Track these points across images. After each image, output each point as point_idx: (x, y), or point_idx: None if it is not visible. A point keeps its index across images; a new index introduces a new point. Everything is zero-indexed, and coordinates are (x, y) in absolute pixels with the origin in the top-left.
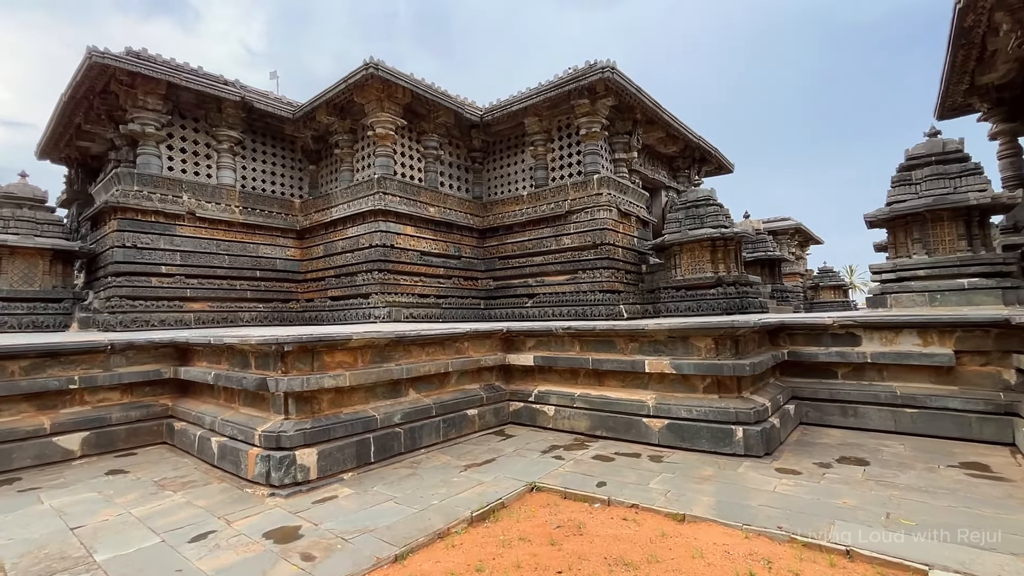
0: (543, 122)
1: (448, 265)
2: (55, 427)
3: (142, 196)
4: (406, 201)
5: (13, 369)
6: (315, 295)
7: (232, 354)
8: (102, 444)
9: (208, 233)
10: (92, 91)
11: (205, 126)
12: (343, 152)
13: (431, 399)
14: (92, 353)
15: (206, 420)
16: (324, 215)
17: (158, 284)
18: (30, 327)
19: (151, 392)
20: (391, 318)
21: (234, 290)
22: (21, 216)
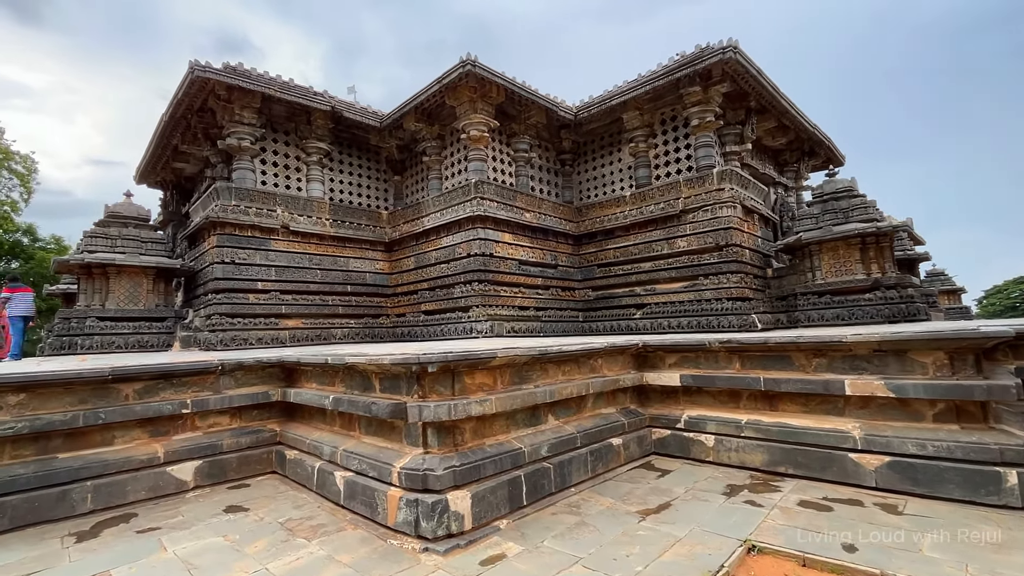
0: (644, 116)
1: (545, 275)
2: (168, 455)
3: (239, 210)
4: (503, 206)
5: (127, 392)
6: (406, 309)
7: (350, 375)
8: (214, 474)
9: (301, 247)
10: (191, 109)
11: (295, 139)
12: (431, 160)
13: (572, 426)
14: (203, 374)
15: (324, 450)
16: (414, 225)
17: (255, 301)
18: (135, 347)
19: (258, 416)
20: (493, 333)
21: (326, 306)
22: (127, 235)
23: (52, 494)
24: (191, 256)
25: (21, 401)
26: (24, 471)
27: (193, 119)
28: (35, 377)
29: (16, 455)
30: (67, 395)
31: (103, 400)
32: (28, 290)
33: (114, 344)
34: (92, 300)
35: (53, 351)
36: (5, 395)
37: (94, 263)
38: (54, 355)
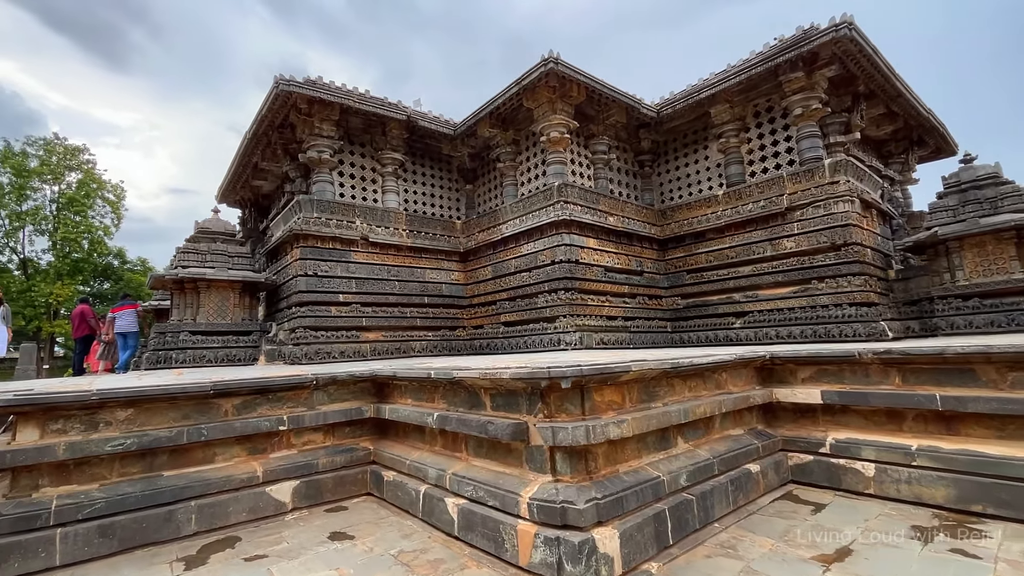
0: (735, 109)
1: (631, 282)
2: (267, 475)
3: (320, 222)
4: (587, 210)
5: (227, 408)
6: (484, 321)
7: (453, 391)
8: (311, 495)
9: (379, 258)
10: (272, 125)
11: (370, 151)
12: (505, 166)
13: (705, 450)
14: (298, 389)
15: (429, 473)
16: (491, 233)
17: (337, 313)
18: (224, 360)
19: (351, 433)
20: (583, 344)
21: (405, 318)
22: (215, 250)
23: (159, 515)
24: (272, 270)
25: (129, 416)
26: (132, 490)
27: (274, 135)
28: (142, 392)
29: (124, 473)
30: (171, 410)
31: (204, 416)
32: (132, 307)
33: (205, 358)
34: (184, 314)
35: (150, 365)
36: (114, 410)
37: (187, 278)
38: (151, 369)
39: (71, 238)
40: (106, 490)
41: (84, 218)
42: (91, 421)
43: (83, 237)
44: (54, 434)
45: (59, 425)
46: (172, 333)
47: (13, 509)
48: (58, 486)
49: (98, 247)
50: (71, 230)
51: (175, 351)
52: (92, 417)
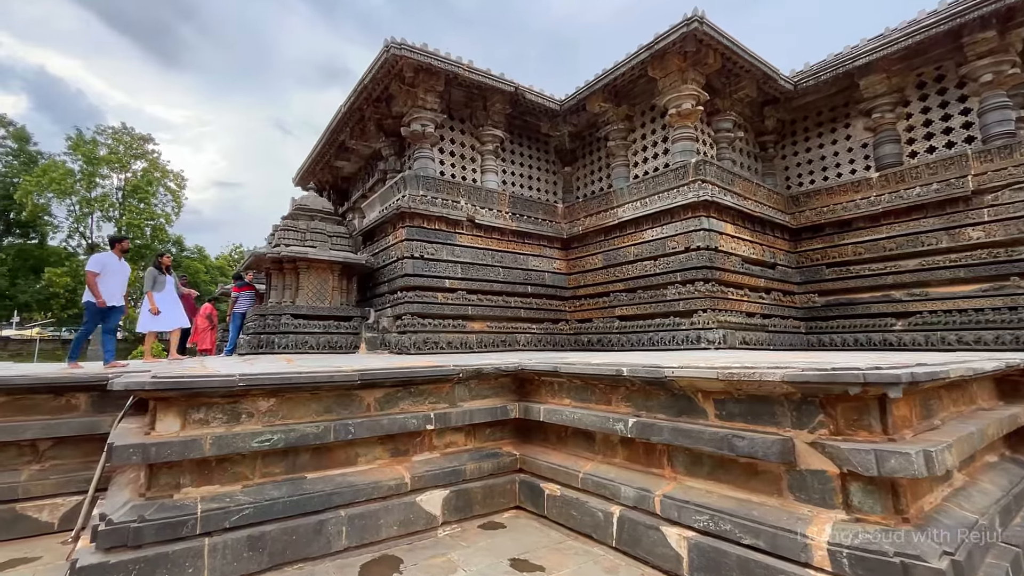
0: (892, 80)
1: (766, 275)
2: (415, 481)
3: (427, 201)
4: (725, 192)
5: (369, 401)
6: (593, 314)
7: (648, 393)
8: (461, 508)
9: (484, 243)
10: (369, 98)
11: (470, 127)
12: (615, 145)
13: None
14: (440, 383)
15: (621, 492)
16: (602, 218)
17: (443, 300)
18: (326, 347)
19: (491, 436)
20: (726, 343)
21: (509, 308)
22: (314, 228)
23: (308, 525)
24: (369, 252)
25: (271, 408)
26: (278, 494)
27: (368, 110)
28: (288, 380)
29: (267, 473)
30: (313, 402)
31: (346, 410)
32: (250, 288)
33: (307, 344)
34: (283, 296)
35: (251, 349)
36: (256, 399)
37: (286, 257)
38: (254, 354)
39: (136, 224)
40: (250, 493)
41: (147, 206)
42: (233, 411)
43: (146, 224)
44: (196, 425)
45: (201, 415)
46: (273, 316)
47: (157, 513)
48: (200, 486)
49: (160, 234)
50: (135, 217)
51: (277, 335)
52: (234, 407)
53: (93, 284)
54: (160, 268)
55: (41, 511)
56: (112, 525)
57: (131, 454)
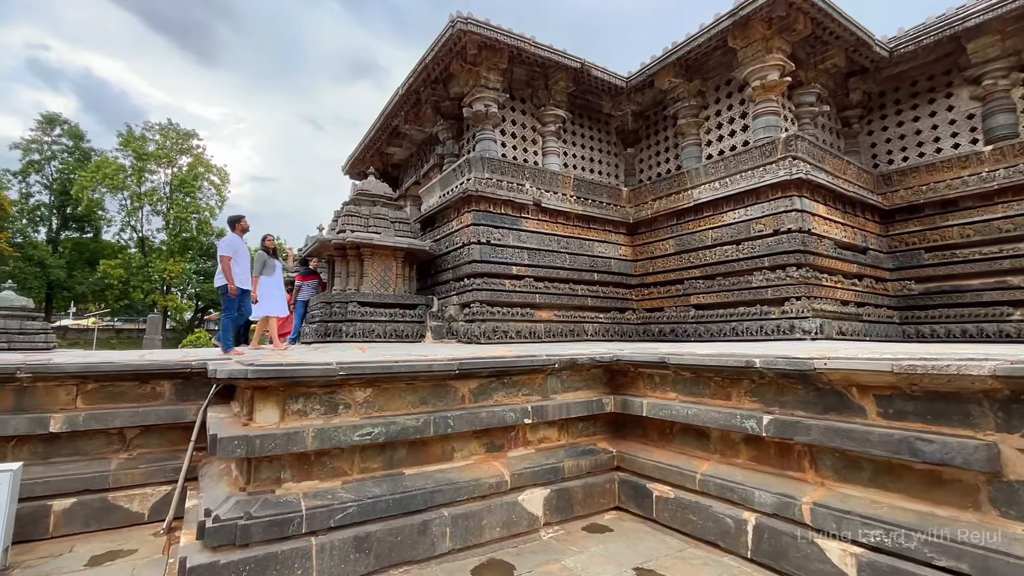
0: (1006, 42)
1: (857, 260)
2: (514, 479)
3: (493, 184)
4: (818, 169)
5: (464, 392)
6: (664, 303)
7: (783, 387)
8: (561, 508)
9: (549, 228)
10: (427, 79)
11: (531, 107)
12: (686, 123)
13: None
14: (533, 373)
15: (755, 497)
16: (674, 201)
17: (511, 288)
18: (393, 336)
19: (583, 430)
20: (823, 333)
21: (576, 296)
22: (377, 214)
23: (412, 526)
24: (430, 239)
25: (368, 398)
26: (380, 491)
27: (425, 92)
28: (387, 368)
29: (365, 468)
30: (409, 393)
31: (442, 401)
32: (315, 277)
33: (374, 332)
34: (347, 284)
35: (318, 338)
36: (353, 390)
37: (349, 243)
38: (319, 342)
39: (183, 218)
40: (351, 490)
41: (193, 199)
42: (331, 402)
43: (192, 217)
44: (295, 416)
45: (299, 405)
46: (340, 304)
47: (262, 511)
48: (300, 481)
49: (204, 227)
50: (182, 210)
51: (344, 323)
52: (331, 397)
53: (228, 269)
54: (268, 251)
55: (132, 501)
56: (219, 522)
57: (236, 447)
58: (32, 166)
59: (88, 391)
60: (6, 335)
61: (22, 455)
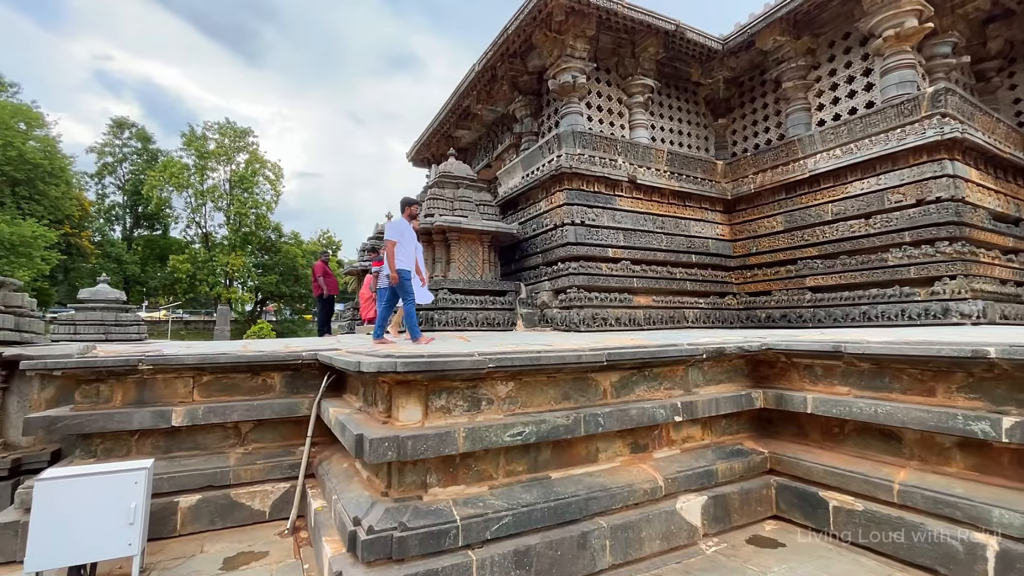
0: None
1: (1013, 233)
2: (668, 485)
3: (586, 160)
4: (970, 128)
5: (605, 386)
6: (771, 286)
7: (1012, 383)
8: (719, 517)
9: (644, 206)
10: (506, 53)
11: (616, 77)
12: (793, 86)
13: None
14: (674, 365)
15: (990, 516)
16: (783, 173)
17: (608, 271)
18: (484, 324)
19: (727, 429)
20: (985, 318)
21: (674, 279)
22: (462, 196)
23: (571, 539)
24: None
25: (510, 393)
26: (531, 498)
27: (503, 67)
28: (533, 360)
29: (511, 471)
30: (551, 387)
31: (583, 396)
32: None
33: (465, 320)
34: (432, 270)
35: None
36: (495, 384)
37: (437, 228)
38: None
39: (242, 213)
40: (501, 496)
41: (251, 195)
42: (473, 398)
43: (251, 212)
44: (439, 414)
45: (442, 401)
46: (431, 291)
47: (416, 520)
48: (447, 486)
49: (262, 221)
50: (241, 206)
51: (436, 312)
52: (474, 392)
53: (392, 255)
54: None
55: (253, 498)
56: (374, 534)
57: (385, 449)
58: (106, 168)
59: (203, 383)
60: (103, 327)
61: (145, 449)
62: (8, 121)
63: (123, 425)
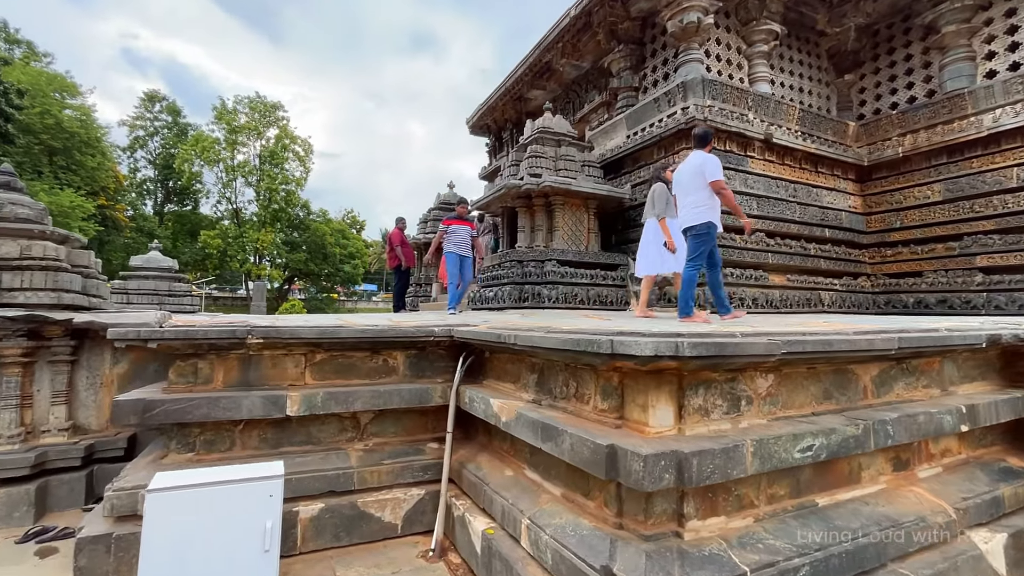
0: None
1: None
2: (960, 517)
3: (716, 112)
4: None
5: (865, 382)
6: (922, 266)
7: None
8: (1019, 560)
9: (776, 170)
10: None
11: (735, 23)
12: (953, 32)
13: None
14: (933, 356)
15: None
16: (945, 132)
17: (742, 244)
18: (596, 302)
19: (980, 440)
20: None
21: (808, 256)
22: (565, 155)
23: None
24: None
25: (770, 390)
26: (813, 536)
27: (600, 12)
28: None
29: (772, 496)
30: (811, 382)
31: (843, 394)
32: (468, 223)
33: (576, 297)
34: (534, 240)
35: (512, 303)
36: (754, 377)
37: (541, 191)
38: (514, 307)
39: (273, 189)
40: (775, 532)
41: (281, 171)
42: (732, 395)
43: (281, 188)
44: (696, 417)
45: (700, 399)
46: (535, 263)
47: (692, 572)
48: (705, 518)
49: (292, 198)
50: (271, 181)
51: (543, 286)
52: (732, 387)
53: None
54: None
55: (383, 508)
56: None
57: (662, 470)
58: (138, 142)
59: (316, 363)
60: (156, 296)
61: (250, 443)
62: (45, 89)
63: (230, 414)
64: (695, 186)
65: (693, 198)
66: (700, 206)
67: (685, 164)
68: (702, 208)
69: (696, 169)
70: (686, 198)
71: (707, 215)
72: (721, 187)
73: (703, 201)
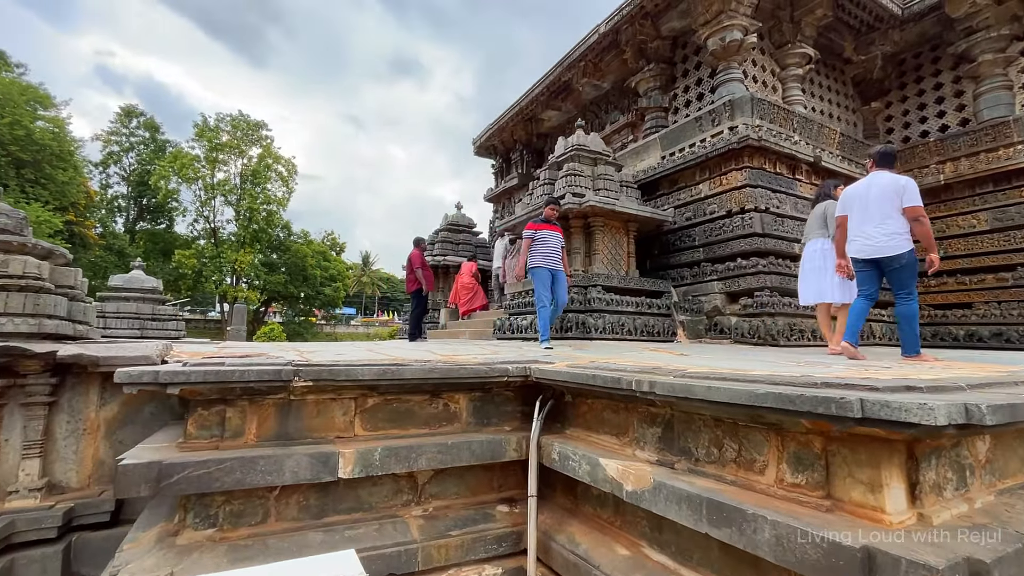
0: None
1: None
2: None
3: (764, 132)
4: None
5: None
6: (973, 296)
7: None
8: None
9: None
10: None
11: (769, 46)
12: (991, 60)
13: None
14: None
15: None
16: (990, 160)
17: (794, 272)
18: (643, 333)
19: None
20: None
21: None
22: (603, 175)
23: None
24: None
25: (988, 455)
26: None
27: (630, 30)
28: None
29: None
30: (1020, 444)
31: None
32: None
33: (623, 327)
34: (572, 264)
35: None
36: (975, 439)
37: (581, 211)
38: (558, 338)
39: (254, 208)
40: None
41: (263, 190)
42: (957, 463)
43: (262, 208)
44: (933, 498)
45: (932, 473)
46: (577, 288)
47: None
48: None
49: (273, 218)
50: (253, 201)
51: (590, 315)
52: (956, 454)
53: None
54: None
55: None
56: None
57: None
58: (111, 157)
59: (368, 409)
60: (139, 320)
61: (288, 512)
62: (17, 99)
63: (270, 478)
64: (888, 210)
65: (890, 224)
66: (899, 233)
67: (868, 184)
68: (903, 236)
69: (891, 191)
70: (870, 222)
71: (908, 243)
72: (922, 214)
73: (902, 228)
